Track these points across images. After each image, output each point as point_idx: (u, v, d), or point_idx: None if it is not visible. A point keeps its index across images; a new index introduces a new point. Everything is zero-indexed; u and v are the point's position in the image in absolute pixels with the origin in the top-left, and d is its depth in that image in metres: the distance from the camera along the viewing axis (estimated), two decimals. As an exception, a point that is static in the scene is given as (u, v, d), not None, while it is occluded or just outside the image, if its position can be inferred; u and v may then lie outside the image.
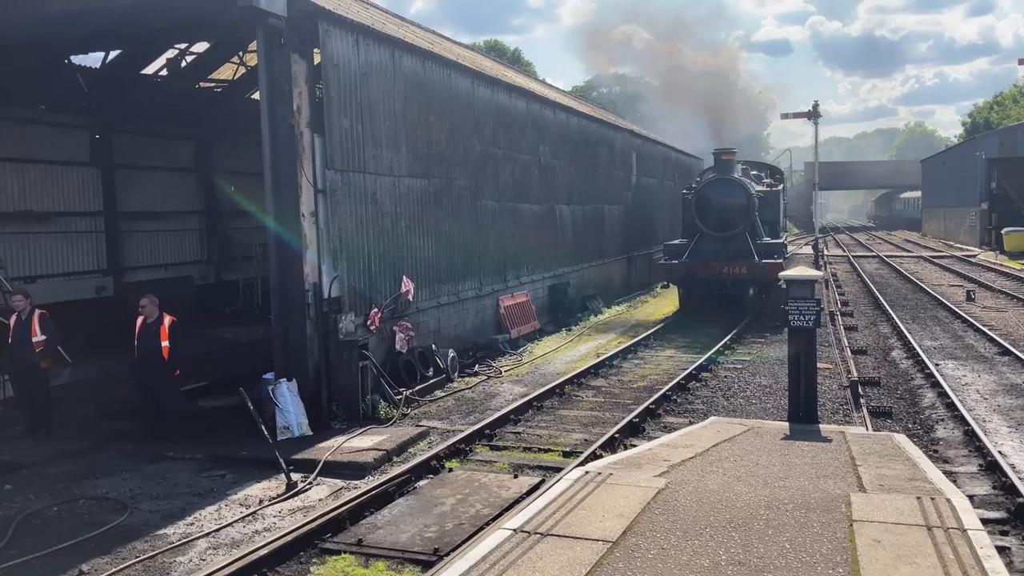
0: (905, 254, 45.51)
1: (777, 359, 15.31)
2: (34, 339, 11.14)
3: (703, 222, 21.47)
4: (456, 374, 14.54)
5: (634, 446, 9.71)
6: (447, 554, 7.01)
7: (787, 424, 9.89)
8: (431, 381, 13.67)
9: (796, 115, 38.85)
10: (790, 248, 36.35)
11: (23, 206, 17.40)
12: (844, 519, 6.40)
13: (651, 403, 11.89)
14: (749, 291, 20.96)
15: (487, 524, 7.67)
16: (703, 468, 7.88)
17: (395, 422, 11.54)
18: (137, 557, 7.22)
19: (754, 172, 25.30)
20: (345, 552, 7.27)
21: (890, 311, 21.14)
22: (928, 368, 13.98)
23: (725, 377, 14.13)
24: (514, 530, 6.32)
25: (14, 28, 12.31)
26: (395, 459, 9.89)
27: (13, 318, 11.39)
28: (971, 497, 7.62)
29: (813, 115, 36.26)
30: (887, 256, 42.72)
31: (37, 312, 11.32)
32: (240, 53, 19.99)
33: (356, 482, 9.12)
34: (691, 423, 10.75)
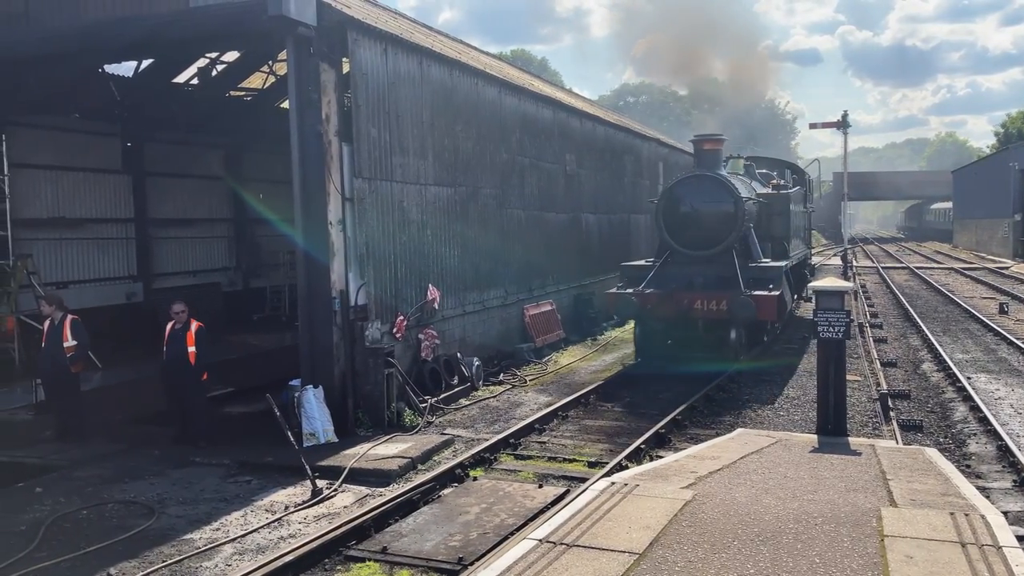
0: (936, 266, 44.91)
1: (805, 371, 15.14)
2: (65, 344, 11.28)
3: (673, 235, 15.67)
4: (481, 382, 14.53)
5: (660, 457, 9.63)
6: (472, 563, 6.98)
7: (816, 436, 9.77)
8: (456, 389, 13.68)
9: (825, 125, 38.52)
10: (815, 259, 34.56)
11: (56, 213, 17.68)
12: (875, 534, 6.29)
13: (677, 414, 11.81)
14: (731, 334, 14.85)
15: (512, 534, 7.64)
16: (730, 480, 7.80)
17: (420, 430, 11.55)
18: (164, 561, 7.26)
19: (763, 171, 20.15)
20: (370, 560, 7.26)
21: (920, 323, 20.85)
22: (960, 381, 13.75)
23: (752, 388, 13.99)
24: (539, 540, 6.28)
25: (50, 39, 12.52)
26: (420, 467, 9.89)
27: (46, 323, 11.56)
28: (1006, 513, 7.47)
29: (842, 125, 35.91)
30: (917, 268, 42.19)
31: (69, 317, 11.48)
32: (270, 62, 20.23)
33: (381, 489, 9.13)
34: (718, 435, 10.65)
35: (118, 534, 7.91)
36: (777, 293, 14.59)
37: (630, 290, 15.31)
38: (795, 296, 20.85)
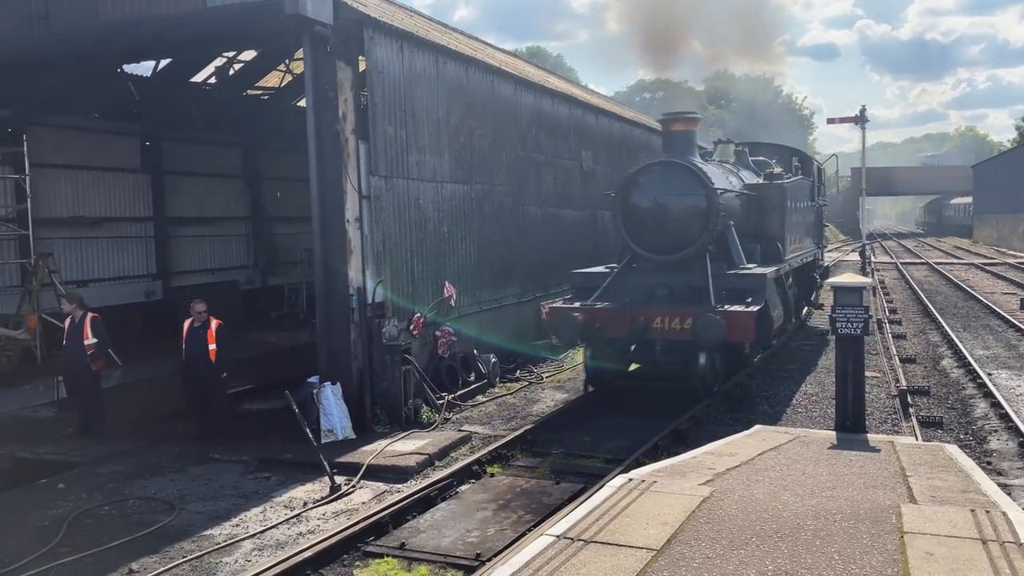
0: (955, 261, 44.53)
1: (824, 367, 15.06)
2: (86, 342, 11.40)
3: (633, 235, 12.89)
4: (498, 379, 14.54)
5: (677, 454, 9.61)
6: (489, 559, 7.01)
7: (834, 433, 9.71)
8: (473, 386, 13.70)
9: (843, 120, 38.28)
10: (832, 255, 33.02)
11: (76, 211, 17.87)
12: (895, 531, 6.26)
13: (695, 411, 11.77)
14: (700, 359, 11.83)
15: (529, 530, 7.66)
16: (749, 477, 7.77)
17: (437, 426, 11.58)
18: (184, 557, 7.33)
19: (759, 158, 17.12)
20: (388, 555, 7.31)
21: (940, 319, 20.68)
22: (980, 378, 13.64)
23: (770, 385, 13.93)
24: (557, 536, 6.28)
25: (70, 40, 12.63)
26: (437, 463, 9.92)
27: (67, 321, 11.69)
28: (1027, 510, 7.40)
29: (860, 120, 35.67)
30: (936, 263, 41.85)
31: (89, 315, 11.59)
32: (286, 61, 20.34)
33: (399, 486, 9.16)
34: (735, 431, 10.60)
35: (139, 530, 7.99)
36: (756, 309, 11.65)
37: (577, 303, 12.53)
38: (803, 304, 18.80)
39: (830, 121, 39.87)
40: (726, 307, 11.66)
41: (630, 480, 7.67)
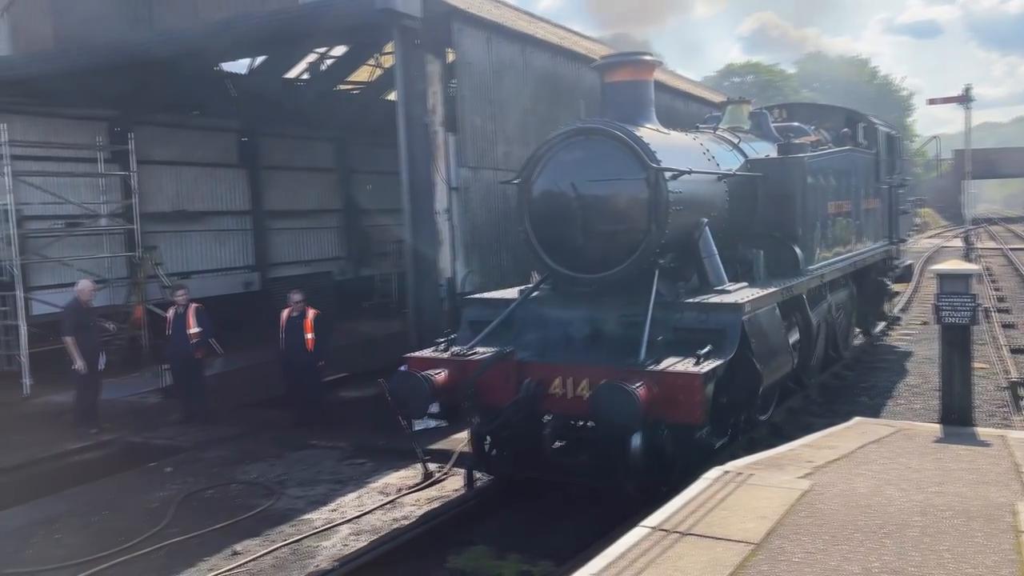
0: (1069, 246, 42.08)
1: (926, 358, 14.46)
2: (190, 331, 11.85)
3: (543, 242, 8.30)
4: (587, 369, 14.43)
5: (774, 446, 9.38)
6: (583, 549, 6.98)
7: (939, 426, 9.30)
8: (562, 376, 13.63)
9: (945, 100, 36.65)
10: (929, 243, 30.83)
11: (178, 206, 18.58)
12: (1010, 530, 5.96)
13: (791, 402, 11.47)
14: (632, 443, 6.98)
15: (623, 520, 7.59)
16: (849, 470, 7.52)
17: (527, 416, 11.59)
18: (285, 540, 7.56)
19: (794, 123, 12.61)
20: (480, 543, 7.36)
21: (1054, 307, 19.60)
22: (1100, 369, 12.87)
23: (868, 376, 13.47)
24: (652, 528, 6.21)
25: (172, 41, 13.12)
26: (528, 452, 9.93)
27: (171, 311, 12.17)
28: None
29: (964, 99, 34.06)
30: (1048, 248, 39.62)
31: (193, 306, 12.05)
32: (376, 55, 20.63)
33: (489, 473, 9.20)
34: (833, 423, 10.29)
35: (242, 513, 8.28)
36: (708, 368, 6.95)
37: (453, 350, 8.17)
38: (870, 320, 15.20)
39: (931, 102, 38.31)
40: (662, 364, 7.02)
41: (726, 472, 7.51)
